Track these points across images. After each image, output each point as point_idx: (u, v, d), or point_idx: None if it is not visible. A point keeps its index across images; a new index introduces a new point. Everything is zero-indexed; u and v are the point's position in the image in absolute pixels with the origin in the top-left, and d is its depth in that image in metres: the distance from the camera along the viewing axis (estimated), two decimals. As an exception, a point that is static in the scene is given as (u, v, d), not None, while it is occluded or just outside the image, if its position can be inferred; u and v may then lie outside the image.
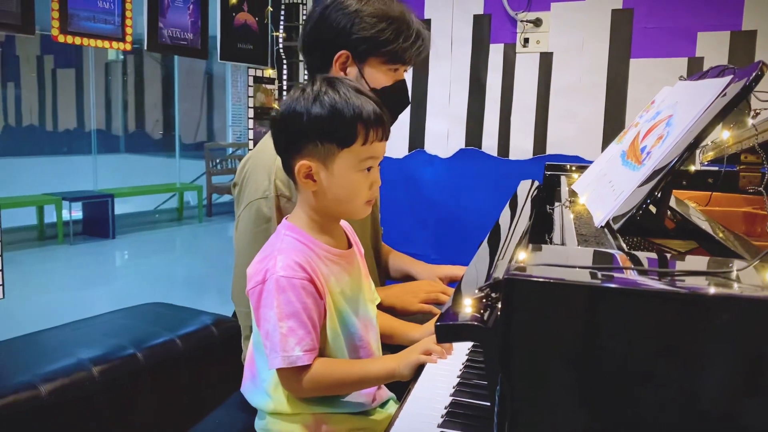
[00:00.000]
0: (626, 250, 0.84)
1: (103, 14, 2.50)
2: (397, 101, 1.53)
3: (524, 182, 1.88)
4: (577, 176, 1.83)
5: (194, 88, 12.89)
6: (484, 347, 0.72)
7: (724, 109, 0.87)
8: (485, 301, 0.74)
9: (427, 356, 1.12)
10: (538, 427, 0.67)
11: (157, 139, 13.86)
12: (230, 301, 1.54)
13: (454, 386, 1.08)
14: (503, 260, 0.90)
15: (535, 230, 1.29)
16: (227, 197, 8.89)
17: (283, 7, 3.28)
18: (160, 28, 2.74)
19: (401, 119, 1.75)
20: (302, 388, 1.12)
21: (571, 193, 1.44)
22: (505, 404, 0.65)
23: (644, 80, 2.77)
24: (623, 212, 0.96)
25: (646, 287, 0.64)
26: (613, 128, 2.79)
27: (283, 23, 3.27)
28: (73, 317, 2.38)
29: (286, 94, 3.35)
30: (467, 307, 0.74)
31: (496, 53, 3.05)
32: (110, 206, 6.76)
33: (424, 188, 3.28)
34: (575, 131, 2.92)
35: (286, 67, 3.32)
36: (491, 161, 3.11)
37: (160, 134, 13.87)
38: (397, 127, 1.17)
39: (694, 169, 1.93)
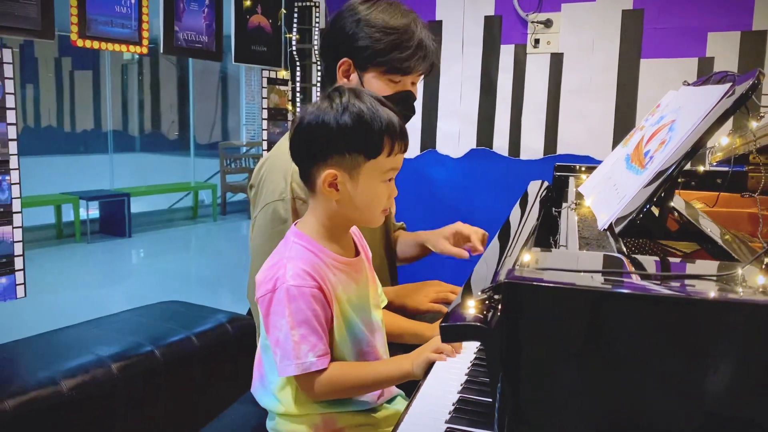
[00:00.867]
0: (625, 253, 0.87)
1: (120, 19, 2.55)
2: (399, 111, 1.55)
3: (534, 182, 1.91)
4: (585, 177, 1.86)
5: (208, 87, 12.99)
6: (486, 347, 0.76)
7: (720, 117, 0.90)
8: (488, 302, 0.77)
9: (437, 354, 1.16)
10: (535, 422, 0.71)
11: (171, 138, 13.99)
12: (244, 299, 1.58)
13: (462, 383, 1.11)
14: (510, 257, 0.93)
15: (542, 230, 1.32)
16: (241, 196, 8.96)
17: (296, 9, 3.31)
18: (175, 31, 2.79)
19: (413, 120, 1.78)
20: (319, 392, 1.14)
21: (577, 195, 1.47)
22: (505, 401, 0.69)
23: (655, 80, 2.78)
24: (625, 215, 0.99)
25: (636, 291, 0.68)
26: (623, 128, 2.80)
27: (296, 25, 3.31)
28: (91, 315, 2.43)
29: (300, 95, 3.39)
30: (470, 308, 0.77)
31: (506, 54, 3.08)
32: (126, 205, 6.84)
33: (435, 188, 3.31)
34: (586, 131, 2.94)
35: (299, 68, 3.36)
36: (502, 161, 3.13)
37: (174, 134, 13.98)
38: (408, 127, 1.21)
39: (702, 169, 1.94)
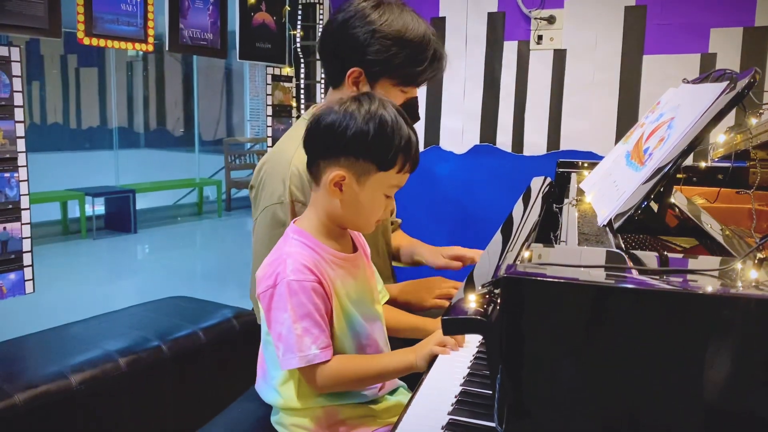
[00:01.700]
0: (623, 248, 0.89)
1: (126, 17, 2.57)
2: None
3: (537, 178, 1.92)
4: (587, 173, 1.87)
5: (213, 84, 13.02)
6: (486, 340, 0.78)
7: (716, 116, 0.92)
8: (488, 296, 0.79)
9: (441, 348, 1.18)
10: (533, 413, 0.73)
11: (176, 134, 14.03)
12: (250, 294, 1.60)
13: (464, 377, 1.13)
14: (512, 253, 0.95)
15: (543, 225, 1.34)
16: (246, 192, 8.98)
17: (300, 6, 3.33)
18: (180, 29, 2.81)
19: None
20: (324, 384, 1.16)
21: (578, 191, 1.49)
22: (505, 393, 0.71)
23: (657, 76, 2.79)
24: (624, 211, 1.01)
25: (631, 286, 0.70)
26: (626, 124, 2.81)
27: (300, 22, 3.33)
28: (98, 310, 2.45)
29: (303, 92, 3.41)
30: (472, 302, 0.79)
31: (510, 50, 3.09)
32: (132, 201, 6.88)
33: (439, 184, 3.32)
34: (588, 127, 2.95)
35: (303, 65, 3.38)
36: (505, 157, 3.15)
37: (180, 130, 14.03)
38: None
39: (704, 165, 1.96)
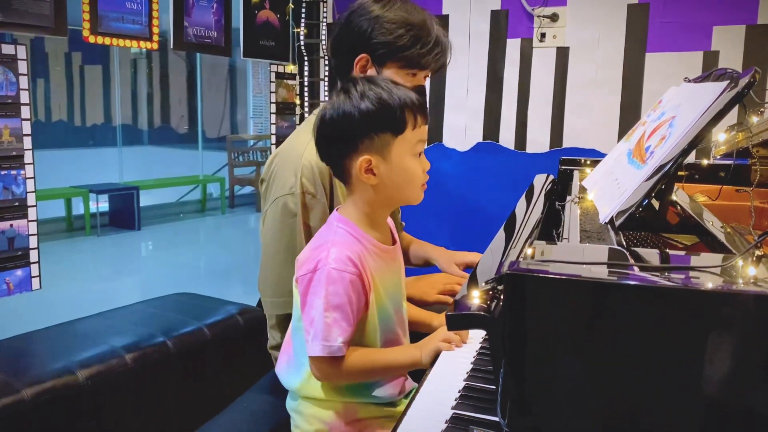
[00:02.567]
0: (624, 246, 0.90)
1: (131, 15, 2.59)
2: None
3: (540, 176, 1.94)
4: (590, 171, 1.89)
5: (216, 81, 13.05)
6: (489, 335, 0.80)
7: (717, 115, 0.93)
8: (492, 292, 0.81)
9: (445, 344, 1.20)
10: (535, 406, 0.74)
11: (180, 131, 14.07)
12: (253, 290, 1.61)
13: (467, 372, 1.14)
14: (514, 250, 0.97)
15: (546, 223, 1.36)
16: (249, 189, 9.01)
17: (304, 4, 3.35)
18: (185, 27, 2.83)
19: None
20: (335, 375, 1.17)
21: (580, 189, 1.50)
22: (507, 386, 0.73)
23: (660, 74, 2.80)
24: (625, 209, 1.02)
25: (629, 282, 0.71)
26: (628, 122, 2.82)
27: (304, 20, 3.34)
28: (103, 307, 2.46)
29: (307, 89, 3.43)
30: (475, 298, 0.81)
31: (513, 48, 3.10)
32: (135, 198, 6.90)
33: (442, 181, 3.34)
34: (591, 125, 2.96)
35: (307, 63, 3.40)
36: (508, 154, 3.16)
37: (183, 127, 14.06)
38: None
39: (707, 162, 1.97)
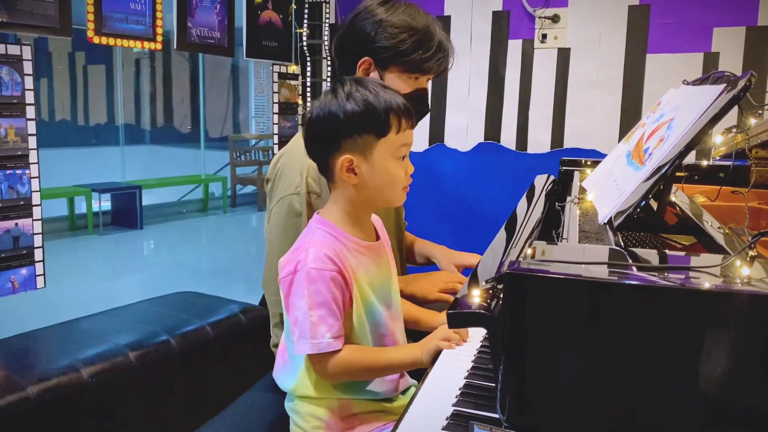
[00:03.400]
0: (621, 246, 0.92)
1: (135, 15, 2.61)
2: (416, 108, 1.61)
3: (540, 176, 1.95)
4: (590, 171, 1.90)
5: (219, 80, 13.07)
6: (489, 332, 0.81)
7: (713, 117, 0.95)
8: (492, 291, 0.83)
9: (446, 343, 1.21)
10: (533, 401, 0.76)
11: (182, 131, 14.09)
12: (255, 289, 1.63)
13: (468, 370, 1.15)
14: (515, 249, 0.98)
15: (546, 223, 1.37)
16: (251, 188, 9.03)
17: (306, 5, 3.36)
18: (188, 27, 2.84)
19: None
20: (332, 372, 1.19)
21: (580, 189, 1.52)
22: (506, 382, 0.74)
23: (660, 75, 2.81)
24: (624, 210, 1.03)
25: (625, 282, 0.73)
26: (629, 122, 2.84)
27: (306, 21, 3.36)
28: (106, 305, 2.48)
29: (309, 90, 3.44)
30: (476, 297, 0.83)
31: (514, 49, 3.11)
32: (138, 197, 6.92)
33: (443, 181, 3.35)
34: (592, 125, 2.97)
35: (309, 63, 3.41)
36: (509, 155, 3.18)
37: (185, 126, 14.09)
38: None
39: (706, 164, 1.98)
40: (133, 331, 2.17)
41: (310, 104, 3.43)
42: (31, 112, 2.24)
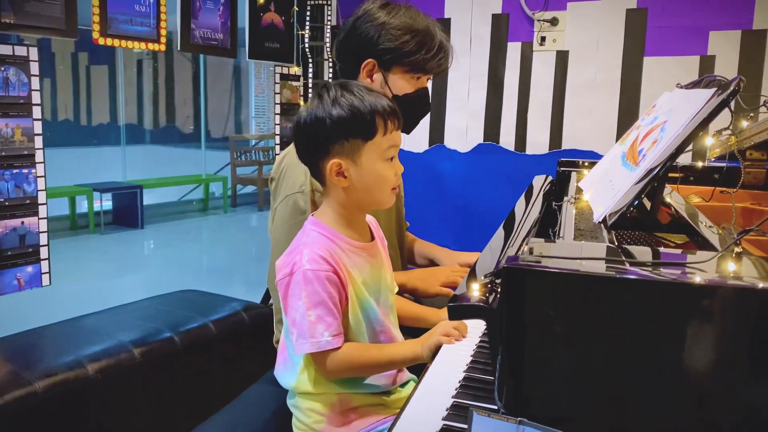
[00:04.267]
0: (614, 243, 0.96)
1: (139, 17, 2.64)
2: (417, 108, 1.65)
3: (538, 177, 1.99)
4: (587, 172, 1.94)
5: (220, 81, 13.10)
6: (488, 324, 0.85)
7: (703, 122, 0.98)
8: (490, 285, 0.86)
9: (446, 338, 1.24)
10: (530, 390, 0.80)
11: (183, 131, 14.13)
12: (255, 288, 1.66)
13: (467, 364, 1.19)
14: (513, 246, 1.02)
15: (543, 222, 1.41)
16: (251, 188, 9.06)
17: (308, 7, 3.40)
18: (192, 29, 2.88)
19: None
20: (334, 369, 1.22)
21: (577, 189, 1.55)
22: (504, 371, 0.78)
23: (657, 78, 2.85)
24: (618, 209, 1.07)
25: (615, 276, 0.77)
26: (626, 124, 2.87)
27: (308, 23, 3.39)
28: (108, 303, 2.51)
29: (312, 91, 3.48)
30: (475, 290, 0.86)
31: (513, 51, 3.15)
32: (139, 197, 6.95)
33: (443, 182, 3.39)
34: (590, 127, 3.01)
35: (311, 65, 3.45)
36: (508, 156, 3.21)
37: (186, 126, 14.12)
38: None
39: (701, 165, 2.01)
40: (137, 328, 2.20)
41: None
42: (37, 112, 2.27)
